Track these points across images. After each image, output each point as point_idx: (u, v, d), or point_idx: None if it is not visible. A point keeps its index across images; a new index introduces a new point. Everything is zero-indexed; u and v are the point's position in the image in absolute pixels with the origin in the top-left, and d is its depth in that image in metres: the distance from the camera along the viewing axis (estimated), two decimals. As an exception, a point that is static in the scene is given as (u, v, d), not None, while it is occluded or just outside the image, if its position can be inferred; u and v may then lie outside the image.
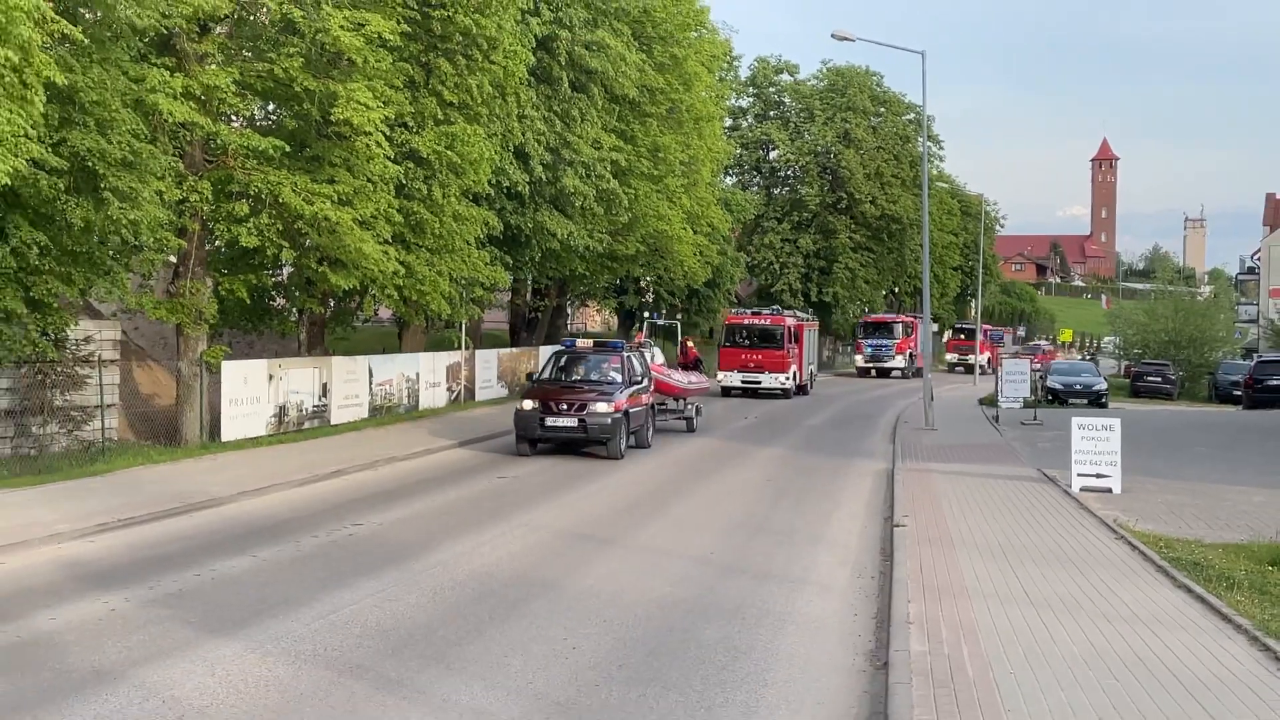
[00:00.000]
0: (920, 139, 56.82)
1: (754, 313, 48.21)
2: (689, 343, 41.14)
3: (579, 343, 27.51)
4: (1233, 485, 21.00)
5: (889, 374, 64.53)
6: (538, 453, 24.45)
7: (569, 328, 56.54)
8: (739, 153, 69.56)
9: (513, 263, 34.68)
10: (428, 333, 36.29)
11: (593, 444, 24.19)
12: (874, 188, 70.20)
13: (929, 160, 54.87)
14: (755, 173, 74.68)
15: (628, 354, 26.45)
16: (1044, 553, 14.00)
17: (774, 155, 73.45)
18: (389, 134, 23.33)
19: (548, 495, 19.20)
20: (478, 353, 36.49)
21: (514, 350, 40.45)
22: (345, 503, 18.01)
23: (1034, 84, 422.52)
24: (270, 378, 25.02)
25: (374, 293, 26.43)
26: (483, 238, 29.69)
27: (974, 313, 75.10)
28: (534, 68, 31.22)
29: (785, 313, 47.84)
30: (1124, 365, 73.69)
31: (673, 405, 30.65)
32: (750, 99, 73.50)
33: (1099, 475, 19.55)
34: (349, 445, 24.23)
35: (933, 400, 33.04)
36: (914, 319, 66.85)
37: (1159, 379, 58.04)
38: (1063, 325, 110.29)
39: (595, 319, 71.04)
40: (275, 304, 28.56)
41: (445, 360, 34.22)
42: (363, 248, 22.61)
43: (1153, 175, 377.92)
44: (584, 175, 34.45)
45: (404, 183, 24.92)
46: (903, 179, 71.34)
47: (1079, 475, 19.61)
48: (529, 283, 43.46)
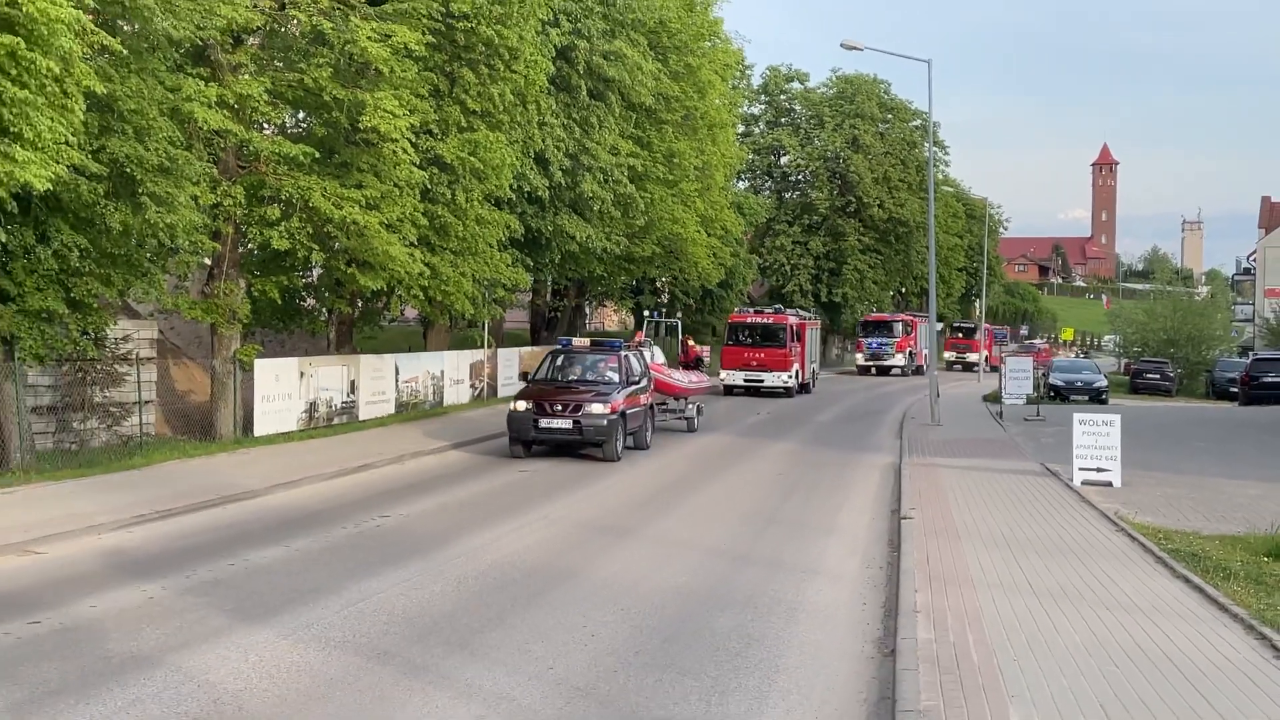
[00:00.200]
0: (926, 144, 56.70)
1: (756, 311, 46.69)
2: (690, 341, 40.04)
3: (575, 342, 26.06)
4: (1229, 479, 20.92)
5: (889, 372, 63.53)
6: (534, 454, 23.17)
7: (588, 327, 56.57)
8: (751, 158, 69.39)
9: (533, 264, 34.71)
10: (451, 332, 36.32)
11: (588, 446, 22.78)
12: (882, 192, 70.03)
13: (935, 165, 54.76)
14: (767, 177, 74.51)
15: (625, 353, 25.04)
16: (1046, 544, 13.97)
17: (785, 160, 73.27)
18: (415, 141, 23.35)
19: (566, 489, 19.22)
20: (500, 351, 36.54)
21: (535, 349, 40.40)
22: (373, 495, 18.07)
23: (1036, 91, 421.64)
24: (301, 375, 25.09)
25: (400, 293, 26.48)
26: (504, 240, 29.67)
27: (979, 312, 74.86)
28: (554, 77, 31.21)
29: (787, 311, 46.61)
30: (1124, 363, 73.45)
31: (673, 405, 29.37)
32: (762, 106, 73.37)
33: (1100, 469, 19.50)
34: (376, 440, 24.28)
35: (939, 397, 32.96)
36: (913, 318, 66.42)
37: (1158, 376, 57.84)
38: (1064, 324, 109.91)
39: (613, 319, 71.01)
40: (305, 304, 28.61)
41: (469, 358, 34.25)
42: (389, 250, 22.66)
43: (1151, 179, 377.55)
44: (602, 180, 34.44)
45: (429, 187, 24.93)
46: (909, 183, 71.11)
47: (1080, 469, 19.56)
48: (549, 284, 43.48)
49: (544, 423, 22.45)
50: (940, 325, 69.44)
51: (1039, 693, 8.20)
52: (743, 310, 47.18)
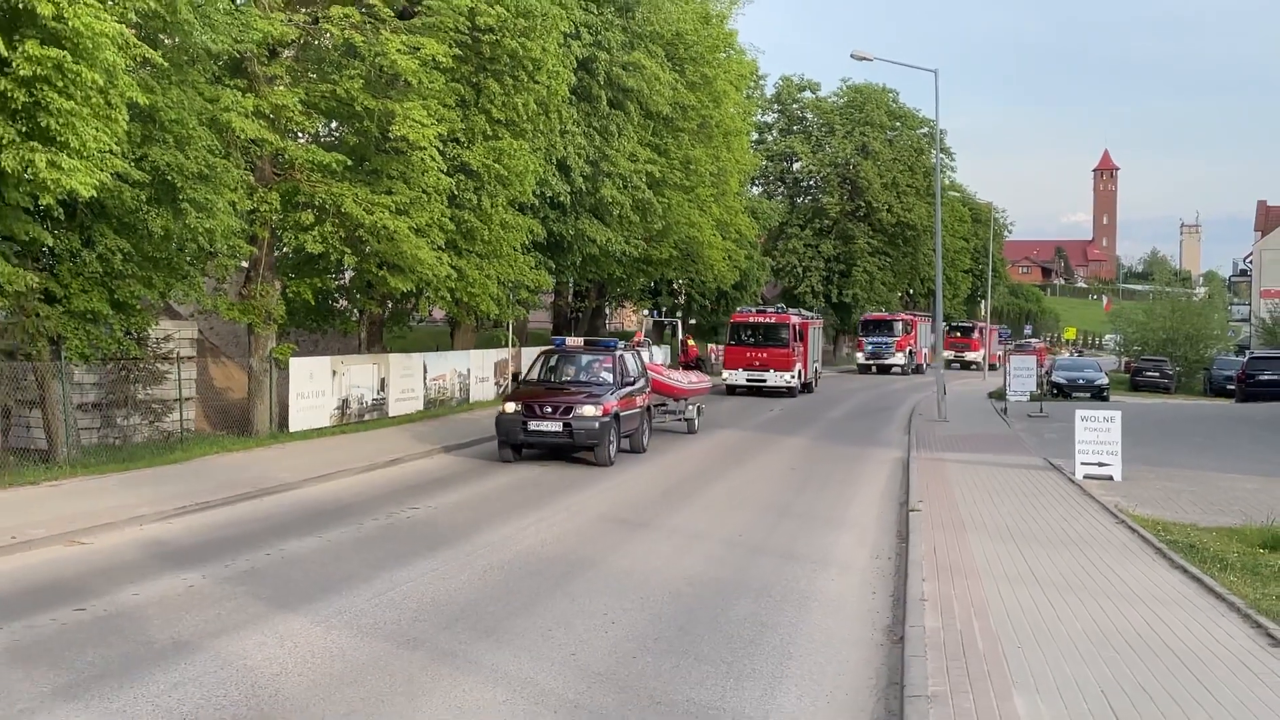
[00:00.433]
0: (933, 151, 56.61)
1: (759, 311, 44.25)
2: (689, 341, 38.54)
3: (569, 341, 24.24)
4: (1226, 473, 20.78)
5: (889, 370, 62.13)
6: (526, 457, 21.68)
7: (607, 327, 56.55)
8: (764, 164, 69.39)
9: (555, 267, 34.73)
10: (477, 332, 36.40)
11: (580, 449, 21.14)
12: (890, 197, 70.00)
13: (941, 171, 54.47)
14: (780, 183, 74.46)
15: (620, 353, 23.29)
16: (1050, 536, 13.91)
17: (797, 167, 73.20)
18: (442, 149, 23.41)
19: (585, 483, 19.21)
20: (523, 350, 36.52)
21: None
22: (403, 488, 18.10)
23: (1039, 99, 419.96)
24: (333, 373, 25.15)
25: (428, 295, 26.55)
26: (528, 244, 29.75)
27: (984, 313, 74.59)
28: (575, 87, 31.23)
29: (790, 311, 44.52)
30: (1124, 361, 73.10)
31: (673, 406, 27.57)
32: (775, 115, 73.30)
33: (1101, 464, 19.40)
34: (405, 435, 24.32)
35: (945, 394, 32.86)
36: (913, 317, 65.77)
37: (1157, 374, 57.62)
38: (1067, 324, 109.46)
39: (631, 319, 70.97)
40: (338, 305, 28.69)
41: (493, 357, 34.30)
42: (418, 253, 22.73)
43: (1151, 184, 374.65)
44: (621, 186, 34.44)
45: (456, 193, 25.00)
46: (917, 188, 71.01)
47: (1082, 464, 19.46)
48: (570, 285, 43.49)
49: (533, 425, 20.72)
50: (946, 325, 69.15)
51: (1042, 679, 8.17)
52: (745, 310, 45.14)
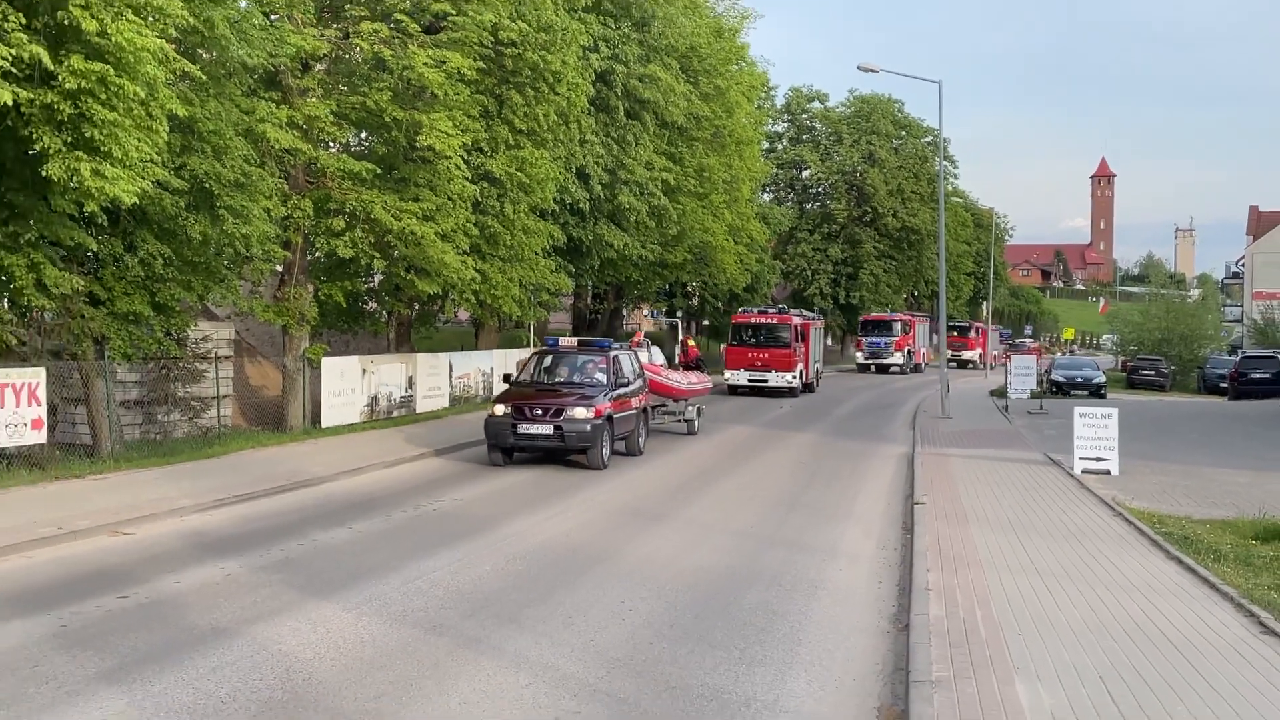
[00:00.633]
0: (937, 159, 56.36)
1: (760, 311, 42.09)
2: (689, 341, 37.31)
3: (562, 341, 22.67)
4: (1219, 468, 20.70)
5: (888, 370, 60.76)
6: (516, 461, 20.33)
7: (625, 328, 56.52)
8: (775, 172, 69.35)
9: (575, 270, 34.75)
10: (500, 332, 36.44)
11: (571, 453, 19.87)
12: (895, 203, 69.82)
13: (945, 178, 54.36)
14: (789, 190, 74.34)
15: (615, 353, 21.77)
16: (1049, 528, 13.87)
17: (806, 174, 73.08)
18: (467, 158, 23.49)
19: (604, 477, 19.21)
20: (544, 350, 36.52)
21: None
22: (429, 482, 18.14)
23: (1040, 109, 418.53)
24: (363, 372, 25.21)
25: (454, 297, 26.60)
26: (548, 248, 29.79)
27: (986, 314, 74.29)
28: (594, 98, 31.27)
29: (791, 311, 42.81)
30: (1121, 360, 72.79)
31: (672, 407, 26.15)
32: (785, 124, 73.16)
33: (1099, 459, 19.34)
34: (432, 431, 24.36)
35: (949, 392, 32.78)
36: (912, 317, 65.00)
37: (1153, 373, 57.41)
38: (1066, 325, 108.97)
39: (647, 320, 70.92)
40: (368, 307, 28.76)
41: (516, 356, 34.25)
42: (444, 258, 22.78)
43: (1147, 190, 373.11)
44: (638, 193, 34.47)
45: (480, 200, 25.05)
46: (921, 194, 70.85)
47: (1080, 459, 19.40)
48: (589, 288, 43.47)
49: (523, 428, 19.38)
50: (926, 319, 68.83)
51: (1042, 665, 8.16)
52: (746, 310, 43.18)
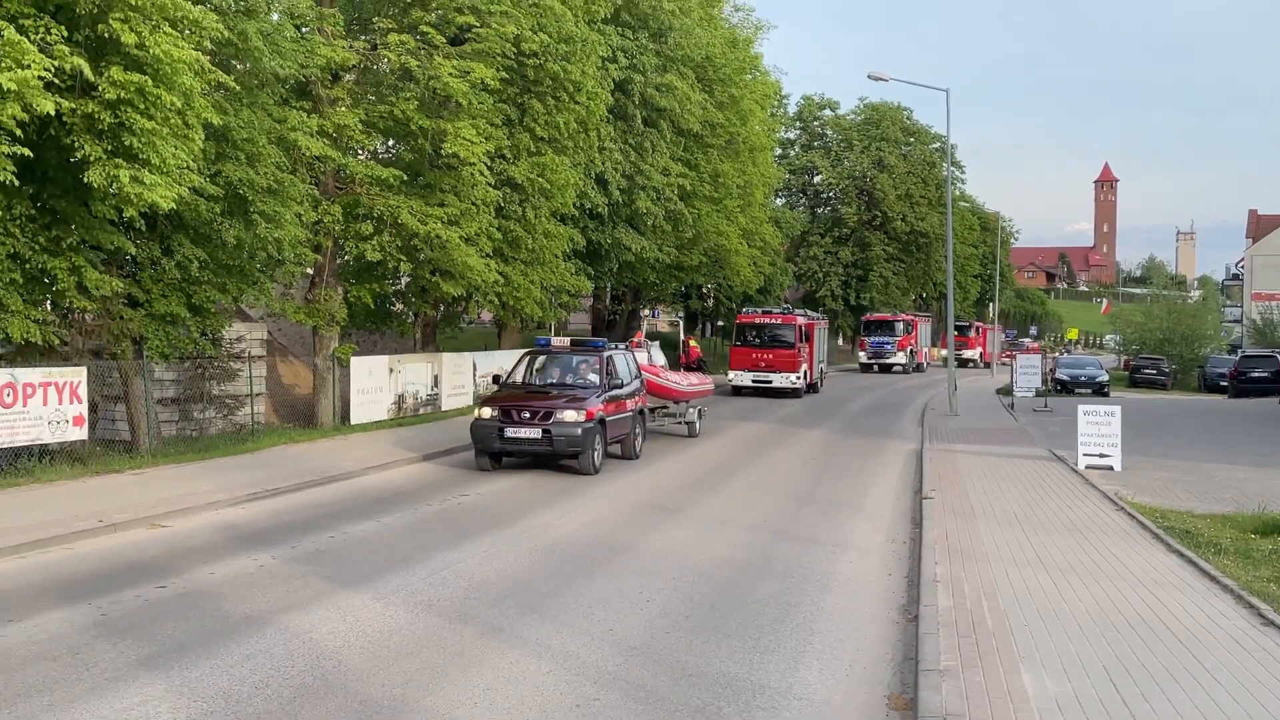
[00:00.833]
0: (945, 165, 56.21)
1: (764, 312, 40.13)
2: (691, 342, 35.82)
3: (554, 341, 21.07)
4: (1220, 464, 20.58)
5: (890, 369, 59.40)
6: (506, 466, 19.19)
7: (642, 329, 56.53)
8: (787, 177, 69.24)
9: (594, 273, 34.75)
10: (522, 332, 36.42)
11: (561, 458, 18.61)
12: (904, 207, 69.64)
13: (952, 183, 54.23)
14: (801, 195, 74.23)
15: (610, 354, 20.42)
16: (1054, 522, 13.82)
17: (818, 180, 72.92)
18: (490, 164, 23.51)
19: (624, 472, 19.21)
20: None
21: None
22: (454, 477, 18.19)
23: (1045, 116, 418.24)
24: (391, 371, 25.28)
25: (477, 299, 26.68)
26: (568, 251, 29.83)
27: (992, 315, 74.05)
28: (612, 107, 31.26)
29: (795, 311, 41.10)
30: (1123, 360, 72.46)
31: (673, 408, 24.74)
32: (797, 131, 73.03)
33: (1102, 455, 19.25)
34: (457, 428, 24.29)
35: (956, 390, 32.67)
36: (914, 317, 64.16)
37: (1154, 371, 57.15)
38: (1069, 325, 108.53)
39: (665, 322, 70.89)
40: (395, 308, 28.83)
41: (537, 356, 34.26)
42: (468, 261, 22.84)
43: (1148, 194, 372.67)
44: (655, 198, 34.46)
45: (502, 205, 25.10)
46: (929, 199, 70.59)
47: (1084, 455, 19.31)
48: (608, 290, 43.50)
49: (510, 431, 18.14)
50: (928, 319, 68.54)
51: (1047, 655, 8.12)
52: (750, 310, 41.22)
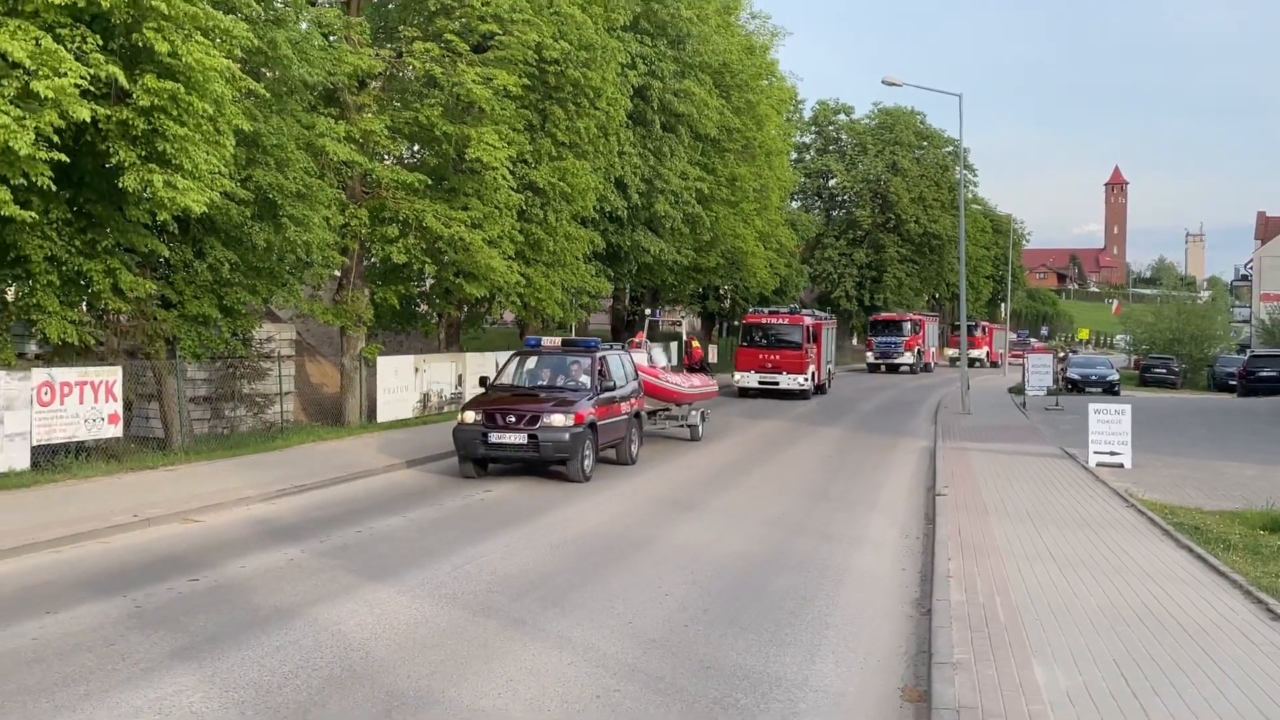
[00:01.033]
0: (958, 168, 55.98)
1: (771, 312, 38.44)
2: (694, 342, 34.34)
3: (545, 341, 19.56)
4: (1228, 461, 20.43)
5: (897, 369, 58.07)
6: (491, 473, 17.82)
7: (660, 329, 56.47)
8: (803, 181, 69.12)
9: (613, 274, 34.74)
10: (544, 333, 36.45)
11: (549, 464, 17.31)
12: (918, 210, 69.49)
13: (965, 186, 53.82)
14: (816, 198, 74.12)
15: (603, 354, 19.00)
16: (1065, 518, 13.73)
17: (833, 183, 72.78)
18: (512, 169, 23.56)
19: (645, 467, 19.19)
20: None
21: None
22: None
23: (1056, 120, 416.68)
24: (416, 370, 25.34)
25: (500, 300, 26.70)
26: (589, 254, 29.83)
27: (1004, 315, 73.71)
28: (632, 112, 31.26)
29: (803, 311, 39.08)
30: (1134, 359, 72.05)
31: (675, 411, 23.37)
32: (812, 136, 72.95)
33: (1112, 453, 19.15)
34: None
35: (969, 388, 32.54)
36: (922, 317, 63.29)
37: (1164, 371, 56.80)
38: (1080, 325, 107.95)
39: (683, 322, 70.84)
40: (419, 309, 28.88)
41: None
42: (491, 263, 22.88)
43: (1158, 197, 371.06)
44: (673, 201, 34.43)
45: (524, 209, 25.12)
46: (942, 202, 70.42)
47: (1095, 453, 19.22)
48: (627, 290, 43.50)
49: (494, 436, 16.79)
50: (935, 319, 68.17)
51: (1059, 648, 8.07)
52: (757, 310, 39.49)
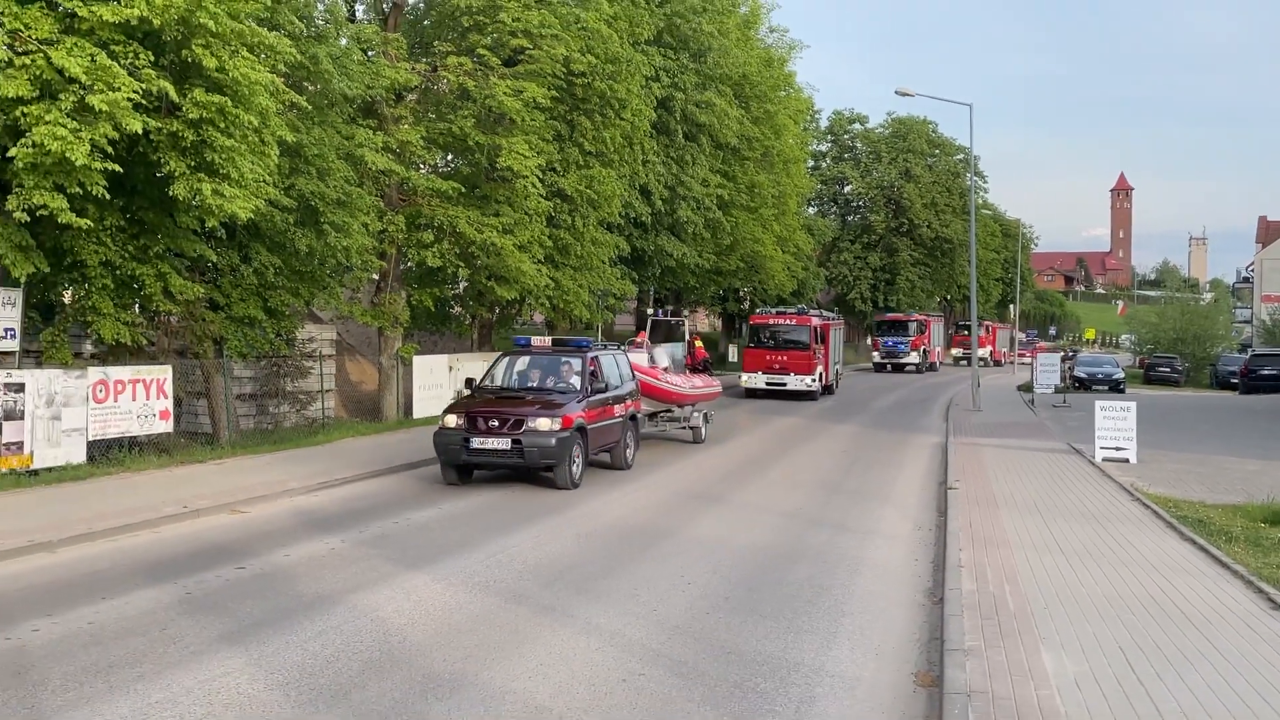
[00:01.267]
0: (968, 175, 55.76)
1: (779, 312, 36.64)
2: (697, 342, 32.57)
3: (535, 341, 17.98)
4: (1230, 457, 20.26)
5: (903, 369, 56.69)
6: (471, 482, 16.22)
7: (684, 328, 56.43)
8: (819, 187, 68.97)
9: (638, 277, 34.78)
10: (571, 333, 36.55)
11: (535, 471, 15.83)
12: (930, 215, 69.24)
13: (975, 192, 53.62)
14: (832, 203, 73.91)
15: (595, 354, 17.44)
16: (1073, 511, 13.66)
17: (848, 189, 72.57)
18: (541, 177, 23.61)
19: (667, 463, 19.20)
20: (611, 349, 36.43)
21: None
22: (508, 467, 18.18)
23: (1063, 128, 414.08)
24: (450, 369, 25.40)
25: (530, 302, 26.78)
26: (614, 258, 29.88)
27: (1013, 316, 73.31)
28: (655, 122, 31.27)
29: (811, 311, 37.32)
30: (1139, 358, 71.51)
31: (677, 413, 21.97)
32: (828, 144, 72.72)
33: (1118, 448, 19.02)
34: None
35: (979, 387, 32.38)
36: (928, 317, 62.06)
37: (1168, 369, 56.31)
38: (1087, 326, 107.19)
39: (704, 322, 70.79)
40: (453, 311, 28.97)
41: (586, 355, 34.20)
42: (521, 267, 22.94)
43: (1162, 202, 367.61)
44: (695, 208, 34.45)
45: (553, 215, 25.18)
46: (953, 207, 70.10)
47: (1101, 448, 19.09)
48: (651, 293, 43.52)
49: (476, 442, 15.29)
50: (940, 319, 67.76)
51: (1066, 636, 8.04)
52: (764, 311, 37.67)
